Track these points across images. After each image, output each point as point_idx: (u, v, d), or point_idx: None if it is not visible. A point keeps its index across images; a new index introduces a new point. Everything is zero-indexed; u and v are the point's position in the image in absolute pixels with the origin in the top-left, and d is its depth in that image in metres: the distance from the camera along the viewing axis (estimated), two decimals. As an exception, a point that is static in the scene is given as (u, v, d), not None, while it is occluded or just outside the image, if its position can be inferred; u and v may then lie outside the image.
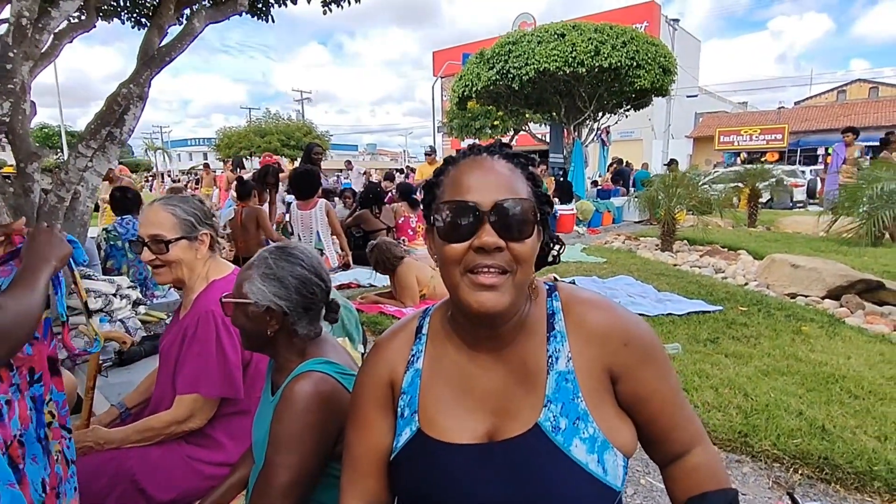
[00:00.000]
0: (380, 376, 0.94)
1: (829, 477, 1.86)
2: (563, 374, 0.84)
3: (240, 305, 1.25)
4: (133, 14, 4.53)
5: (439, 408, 0.87)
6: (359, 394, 0.96)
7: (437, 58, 33.95)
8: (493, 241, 0.76)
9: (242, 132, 32.04)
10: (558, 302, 0.90)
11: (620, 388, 0.86)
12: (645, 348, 0.86)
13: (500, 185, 0.80)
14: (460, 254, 0.78)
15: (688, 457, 0.91)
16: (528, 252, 0.79)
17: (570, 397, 0.83)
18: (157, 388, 1.67)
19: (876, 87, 36.03)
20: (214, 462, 1.56)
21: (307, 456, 1.11)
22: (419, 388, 0.90)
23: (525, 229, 0.78)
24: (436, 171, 0.90)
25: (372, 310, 4.01)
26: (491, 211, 0.77)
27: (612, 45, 9.38)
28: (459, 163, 0.85)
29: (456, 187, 0.81)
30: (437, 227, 0.81)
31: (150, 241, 1.56)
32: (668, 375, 0.89)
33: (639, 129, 27.27)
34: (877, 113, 25.40)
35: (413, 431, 0.87)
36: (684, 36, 29.57)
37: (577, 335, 0.86)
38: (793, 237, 7.76)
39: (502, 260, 0.77)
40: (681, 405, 0.90)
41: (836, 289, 4.24)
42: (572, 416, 0.81)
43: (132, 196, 4.46)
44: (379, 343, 0.99)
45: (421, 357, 0.92)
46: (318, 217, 5.16)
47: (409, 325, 0.98)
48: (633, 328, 0.87)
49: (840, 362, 2.76)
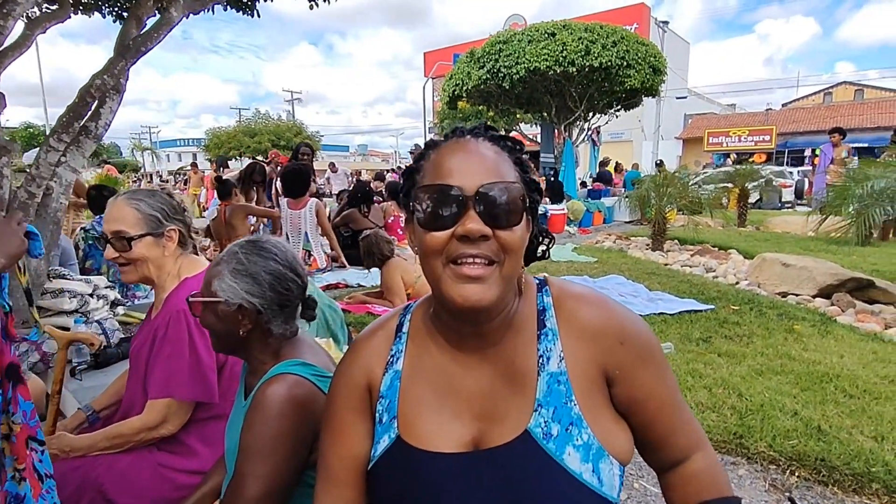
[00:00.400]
0: (356, 379, 0.86)
1: (826, 479, 1.81)
2: (554, 375, 0.77)
3: (209, 305, 1.17)
4: (114, 7, 4.41)
5: (420, 412, 0.80)
6: (334, 398, 0.88)
7: (428, 58, 33.92)
8: (477, 229, 0.69)
9: (232, 132, 31.75)
10: (549, 297, 0.83)
11: (616, 390, 0.79)
12: (642, 347, 0.80)
13: (485, 168, 0.73)
14: (442, 243, 0.71)
15: (687, 463, 0.85)
16: (517, 241, 0.72)
17: (563, 401, 0.76)
18: (127, 392, 1.59)
19: (861, 89, 36.56)
20: (188, 470, 1.48)
21: (280, 465, 1.03)
22: (399, 391, 0.83)
23: (513, 216, 0.72)
24: (416, 155, 0.83)
25: (359, 310, 3.93)
26: (475, 195, 0.70)
27: (603, 44, 9.38)
28: (441, 146, 0.78)
29: (437, 171, 0.74)
30: (416, 215, 0.74)
31: (112, 237, 1.47)
32: (666, 376, 0.82)
33: (629, 131, 27.41)
34: (862, 115, 25.74)
35: (392, 439, 0.80)
36: (673, 38, 29.77)
37: (570, 333, 0.79)
38: (782, 237, 7.79)
39: (488, 249, 0.70)
40: (680, 408, 0.84)
41: (827, 287, 4.23)
42: (565, 422, 0.75)
43: (109, 194, 4.35)
44: (356, 343, 0.91)
45: (401, 357, 0.85)
46: (308, 217, 5.07)
47: (389, 324, 0.90)
48: (629, 325, 0.80)
49: (833, 361, 2.73)
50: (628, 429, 0.81)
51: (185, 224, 1.58)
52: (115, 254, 1.48)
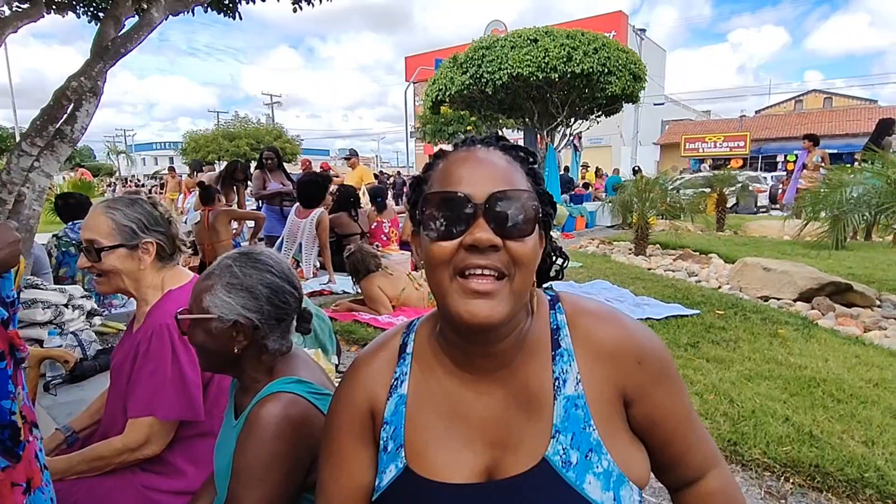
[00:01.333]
0: (358, 404, 0.81)
1: (820, 485, 1.82)
2: (571, 398, 0.73)
3: (200, 322, 1.11)
4: (89, 7, 4.28)
5: (429, 440, 0.76)
6: (333, 424, 0.83)
7: (410, 63, 33.94)
8: (487, 238, 0.65)
9: (210, 136, 31.26)
10: (563, 315, 0.79)
11: (633, 411, 0.76)
12: (660, 365, 0.77)
13: (496, 176, 0.69)
14: (449, 253, 0.67)
15: (702, 482, 0.82)
16: (529, 253, 0.68)
17: (581, 426, 0.72)
18: (107, 410, 1.51)
19: (830, 97, 37.77)
20: (174, 491, 1.41)
21: (276, 489, 0.98)
22: (404, 417, 0.78)
23: (525, 226, 0.68)
24: (425, 165, 0.79)
25: (346, 318, 3.87)
26: (485, 203, 0.67)
27: (584, 51, 9.47)
28: (450, 155, 0.75)
29: (446, 179, 0.71)
30: (423, 224, 0.70)
31: (85, 246, 1.40)
32: (682, 393, 0.80)
33: (608, 136, 27.79)
34: (831, 122, 26.57)
35: (399, 469, 0.75)
36: (650, 45, 30.37)
37: (586, 353, 0.76)
38: (760, 241, 7.95)
39: (498, 261, 0.66)
40: (695, 425, 0.81)
41: (807, 291, 4.30)
42: (584, 449, 0.71)
43: (76, 201, 4.24)
44: (357, 364, 0.86)
45: (405, 381, 0.80)
46: (307, 229, 4.99)
47: (392, 343, 0.85)
48: (646, 343, 0.77)
49: (819, 365, 2.76)
50: (644, 450, 0.78)
51: (168, 236, 1.50)
52: (87, 263, 1.41)
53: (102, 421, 1.52)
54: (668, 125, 32.57)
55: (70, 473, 1.36)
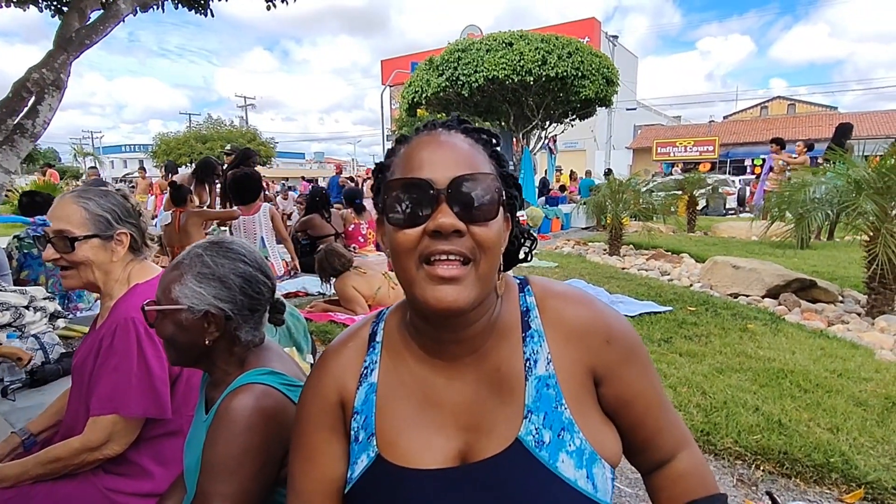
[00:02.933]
0: (327, 394, 0.80)
1: (789, 471, 1.87)
2: (542, 378, 0.73)
3: (168, 313, 1.07)
4: (52, 2, 4.14)
5: (401, 428, 0.75)
6: (303, 417, 0.82)
7: (386, 66, 33.88)
8: (450, 223, 0.64)
9: (182, 138, 30.62)
10: (532, 297, 0.79)
11: (604, 391, 0.76)
12: (628, 345, 0.77)
13: (458, 160, 0.68)
14: (414, 240, 0.66)
15: (673, 463, 0.83)
16: (493, 237, 0.68)
17: (553, 405, 0.72)
18: (69, 410, 1.44)
19: (793, 104, 39.22)
20: (140, 493, 1.35)
21: (248, 483, 0.94)
22: (375, 405, 0.77)
23: (488, 210, 0.67)
24: (388, 150, 0.79)
25: (321, 318, 3.82)
26: (448, 188, 0.66)
27: (559, 55, 9.60)
28: (412, 140, 0.74)
29: (407, 165, 0.70)
30: (386, 212, 0.69)
31: (54, 237, 1.34)
32: (651, 374, 0.80)
33: (582, 140, 28.22)
34: (795, 128, 27.52)
35: (371, 458, 0.74)
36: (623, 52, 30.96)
37: (556, 333, 0.76)
38: (729, 241, 8.16)
39: (463, 246, 0.66)
40: (665, 407, 0.82)
41: (775, 288, 4.43)
42: (556, 428, 0.71)
43: (42, 199, 4.07)
44: (325, 355, 0.84)
45: (375, 369, 0.79)
46: (262, 222, 4.89)
47: (360, 332, 0.84)
48: (614, 323, 0.78)
49: (787, 358, 2.84)
50: (615, 430, 0.78)
51: (139, 229, 1.46)
52: (55, 255, 1.34)
53: (64, 422, 1.45)
54: (640, 130, 33.29)
55: (25, 478, 1.29)
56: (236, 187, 4.99)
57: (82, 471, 1.33)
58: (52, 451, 1.30)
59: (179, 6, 4.27)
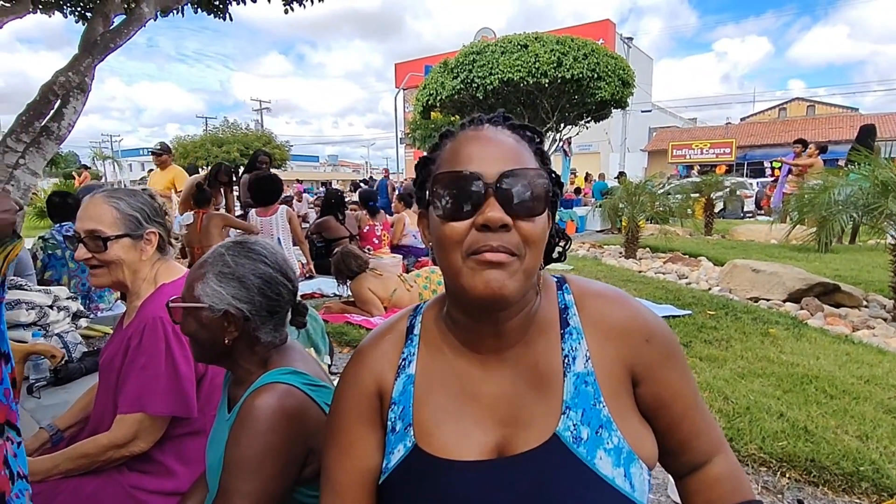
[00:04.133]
0: (364, 386, 0.80)
1: (816, 479, 1.82)
2: (581, 375, 0.73)
3: (191, 310, 1.08)
4: (77, 7, 4.23)
5: (438, 419, 0.75)
6: (339, 408, 0.82)
7: (400, 70, 34.03)
8: (498, 217, 0.65)
9: (199, 141, 30.98)
10: (570, 295, 0.79)
11: (642, 391, 0.76)
12: (668, 345, 0.77)
13: (505, 155, 0.69)
14: (461, 234, 0.66)
15: (708, 467, 0.81)
16: (539, 233, 0.68)
17: (591, 402, 0.72)
18: (96, 407, 1.46)
19: (813, 105, 38.55)
20: (163, 491, 1.36)
21: (269, 482, 0.95)
22: (413, 396, 0.77)
23: (536, 205, 0.68)
24: (431, 146, 0.79)
25: (338, 319, 3.83)
26: (496, 182, 0.66)
27: (574, 56, 9.57)
28: (458, 135, 0.75)
29: (455, 159, 0.70)
30: (433, 205, 0.70)
31: (86, 236, 1.36)
32: (689, 376, 0.80)
33: (596, 143, 28.06)
34: (814, 129, 27.08)
35: (408, 448, 0.74)
36: (638, 54, 30.78)
37: (595, 331, 0.76)
38: (748, 244, 8.03)
39: (510, 241, 0.66)
40: (702, 410, 0.81)
41: (796, 292, 4.34)
42: (594, 425, 0.71)
43: (73, 201, 4.12)
44: (362, 348, 0.85)
45: (413, 360, 0.79)
46: (280, 223, 4.94)
47: (398, 325, 0.85)
48: (653, 323, 0.78)
49: (811, 363, 2.78)
50: (652, 431, 0.77)
51: (166, 228, 1.48)
52: (87, 254, 1.37)
53: (91, 419, 1.47)
54: (656, 132, 32.99)
55: (55, 472, 1.31)
56: (256, 189, 5.05)
57: (108, 468, 1.35)
58: (80, 447, 1.32)
59: (199, 10, 4.34)
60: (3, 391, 1.04)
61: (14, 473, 1.05)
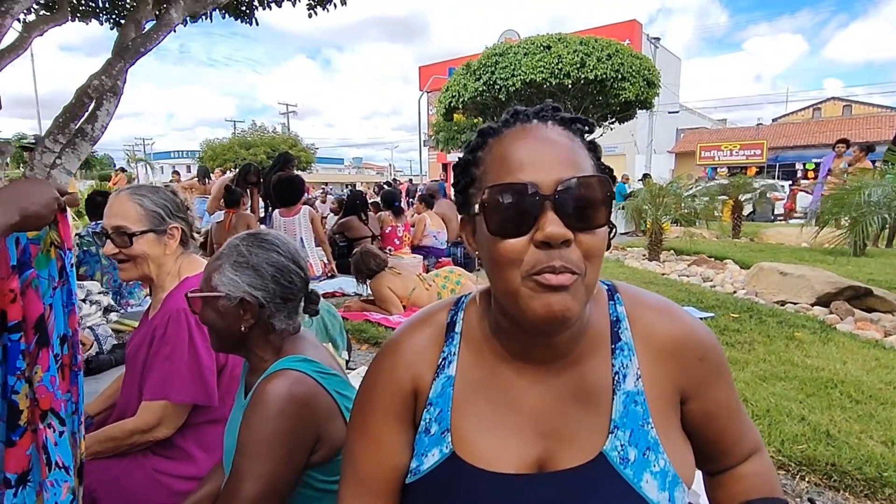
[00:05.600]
0: (400, 381, 0.76)
1: (837, 484, 1.78)
2: (631, 394, 0.70)
3: (209, 300, 1.13)
4: (111, 15, 4.41)
5: (477, 427, 0.71)
6: (370, 399, 0.78)
7: (423, 72, 34.19)
8: (560, 233, 0.59)
9: (227, 144, 31.83)
10: (622, 306, 0.75)
11: (690, 407, 0.74)
12: (718, 360, 0.75)
13: (560, 159, 0.63)
14: (519, 252, 0.61)
15: (742, 465, 0.81)
16: (601, 245, 0.63)
17: (640, 423, 0.69)
18: (122, 394, 1.54)
19: (849, 105, 37.20)
20: (185, 476, 1.43)
21: (278, 465, 0.98)
22: (452, 399, 0.73)
23: (598, 215, 0.62)
24: (471, 145, 0.72)
25: (357, 317, 3.89)
26: (555, 194, 0.60)
27: (598, 57, 9.50)
28: (504, 133, 0.67)
29: (504, 165, 0.64)
30: (485, 220, 0.63)
31: (113, 232, 1.44)
32: (733, 385, 0.79)
33: (622, 144, 27.66)
34: (851, 130, 26.13)
35: (444, 454, 0.71)
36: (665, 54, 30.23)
37: (647, 348, 0.72)
38: (777, 248, 7.82)
39: (572, 259, 0.60)
40: (743, 413, 0.80)
41: (825, 296, 4.22)
42: (642, 446, 0.68)
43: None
44: (398, 338, 0.80)
45: (454, 361, 0.75)
46: (303, 223, 5.04)
47: (437, 318, 0.79)
48: (706, 338, 0.74)
49: (837, 367, 2.70)
50: (691, 449, 0.75)
51: (188, 223, 1.55)
52: (114, 250, 1.44)
53: (118, 405, 1.55)
54: (683, 134, 32.34)
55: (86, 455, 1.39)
56: (280, 190, 5.17)
57: (133, 452, 1.42)
58: (107, 430, 1.39)
59: (226, 16, 4.47)
60: (50, 378, 1.08)
61: (53, 462, 1.08)
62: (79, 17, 4.21)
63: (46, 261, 1.10)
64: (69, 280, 1.14)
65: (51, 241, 1.10)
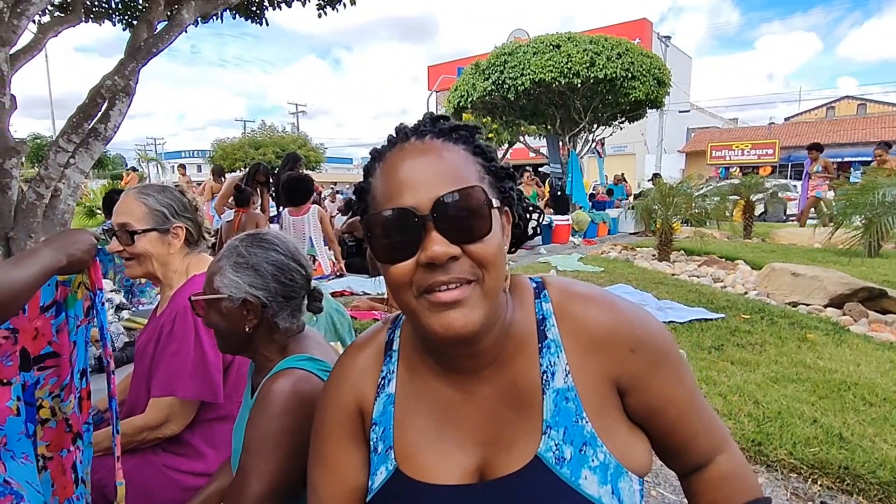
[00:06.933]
0: (345, 402, 0.78)
1: (850, 488, 1.75)
2: (561, 391, 0.69)
3: (212, 303, 1.13)
4: (124, 16, 4.46)
5: (419, 442, 0.73)
6: (322, 423, 0.80)
7: (432, 72, 34.23)
8: (443, 252, 0.60)
9: (237, 144, 32.07)
10: (548, 303, 0.74)
11: (630, 401, 0.71)
12: (656, 350, 0.71)
13: (438, 174, 0.62)
14: (408, 274, 0.62)
15: (712, 466, 0.77)
16: (493, 252, 0.62)
17: (573, 419, 0.68)
18: (131, 390, 1.55)
19: (864, 104, 36.70)
20: (194, 472, 1.44)
21: (283, 462, 0.98)
22: (393, 417, 0.75)
23: (481, 225, 0.62)
24: (364, 168, 0.72)
25: (365, 316, 3.90)
26: (432, 213, 0.60)
27: (608, 56, 9.44)
28: (386, 156, 0.68)
29: (385, 191, 0.64)
30: (372, 247, 0.66)
31: (118, 230, 1.46)
32: (683, 377, 0.74)
33: (632, 144, 27.53)
34: (865, 129, 25.78)
35: (390, 471, 0.72)
36: (675, 53, 29.99)
37: (575, 343, 0.71)
38: (789, 248, 7.73)
39: (462, 271, 0.61)
40: (700, 410, 0.76)
41: (838, 297, 4.16)
42: (578, 443, 0.67)
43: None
44: (343, 360, 0.82)
45: (393, 379, 0.77)
46: (312, 223, 5.06)
47: (377, 338, 0.81)
48: (640, 328, 0.71)
49: (850, 370, 2.67)
50: (645, 438, 0.73)
51: (195, 223, 1.56)
52: (119, 247, 1.46)
53: (127, 401, 1.56)
54: (694, 133, 32.06)
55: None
56: (289, 189, 5.20)
57: (143, 448, 1.43)
58: (117, 426, 1.40)
59: (237, 16, 4.50)
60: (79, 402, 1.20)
61: (79, 478, 1.18)
62: (92, 19, 4.26)
63: (74, 301, 1.21)
64: (97, 318, 1.23)
65: (79, 282, 1.21)
